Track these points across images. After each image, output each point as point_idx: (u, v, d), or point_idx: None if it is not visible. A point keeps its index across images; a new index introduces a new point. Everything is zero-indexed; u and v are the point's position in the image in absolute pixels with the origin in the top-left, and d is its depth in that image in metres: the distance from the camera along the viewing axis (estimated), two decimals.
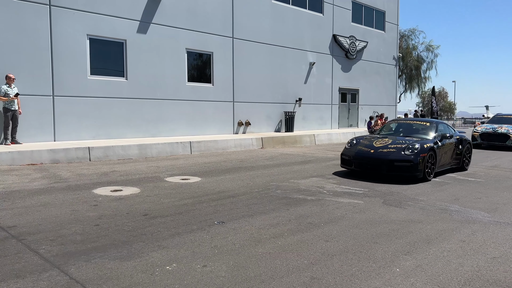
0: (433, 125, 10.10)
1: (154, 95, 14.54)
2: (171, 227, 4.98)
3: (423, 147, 8.56)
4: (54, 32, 12.09)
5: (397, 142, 8.98)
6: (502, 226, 5.38)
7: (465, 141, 10.55)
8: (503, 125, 17.23)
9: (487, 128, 17.34)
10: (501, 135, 16.61)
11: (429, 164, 8.71)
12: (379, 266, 3.89)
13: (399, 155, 8.43)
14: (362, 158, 8.77)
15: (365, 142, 9.31)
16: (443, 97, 74.28)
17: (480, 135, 17.20)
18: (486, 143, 17.00)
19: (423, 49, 42.91)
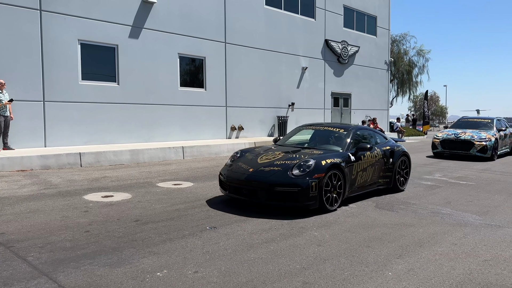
0: (347, 132, 7.38)
1: (146, 100, 14.48)
2: (163, 232, 4.94)
3: (319, 164, 5.96)
4: (45, 37, 12.02)
5: (289, 157, 6.44)
6: (493, 229, 5.40)
7: (398, 152, 7.91)
8: (468, 130, 14.63)
9: (448, 134, 14.65)
10: (464, 142, 14.01)
11: (332, 188, 6.13)
12: (371, 270, 3.88)
13: (282, 177, 5.86)
14: (237, 181, 6.16)
15: (248, 157, 6.78)
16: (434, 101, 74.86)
17: (440, 142, 14.59)
18: (447, 151, 14.48)
19: (414, 54, 43.28)
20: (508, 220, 5.92)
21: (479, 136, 13.86)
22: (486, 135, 13.87)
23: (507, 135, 15.54)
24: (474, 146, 13.73)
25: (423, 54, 43.04)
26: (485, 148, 13.58)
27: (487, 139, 13.71)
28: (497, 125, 15.07)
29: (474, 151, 13.74)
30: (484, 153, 13.62)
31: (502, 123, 15.89)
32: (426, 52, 43.18)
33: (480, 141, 13.70)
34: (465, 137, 14.04)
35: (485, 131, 14.27)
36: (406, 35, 43.03)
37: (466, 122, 16.06)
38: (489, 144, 13.62)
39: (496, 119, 15.64)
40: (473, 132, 14.33)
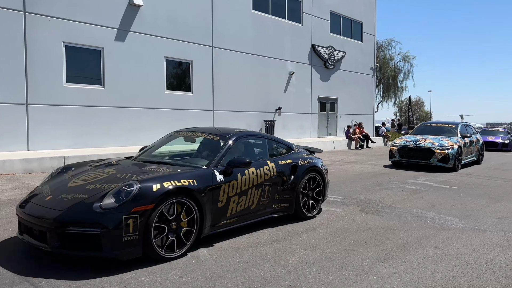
0: (222, 140, 5.30)
1: (132, 103, 14.38)
2: None
3: (147, 190, 3.95)
4: (28, 39, 11.86)
5: (116, 177, 4.39)
6: (475, 233, 5.49)
7: (303, 167, 5.87)
8: (429, 137, 13.02)
9: (407, 140, 12.94)
10: (424, 150, 12.35)
11: (173, 225, 4.15)
12: (356, 274, 3.90)
13: (81, 210, 3.85)
14: (26, 215, 4.06)
15: (64, 177, 4.77)
16: (419, 106, 75.89)
17: (398, 150, 12.89)
18: (405, 160, 12.76)
19: (399, 60, 43.84)
20: (490, 223, 6.02)
21: (441, 144, 12.23)
22: (449, 142, 12.29)
23: (473, 142, 13.91)
24: (434, 155, 12.07)
25: (408, 60, 43.64)
26: (446, 157, 11.96)
27: (449, 147, 12.10)
28: (461, 131, 13.53)
29: (435, 160, 12.08)
30: (446, 163, 11.99)
31: (469, 128, 14.54)
32: (411, 58, 43.80)
33: (441, 149, 12.07)
34: (425, 145, 12.36)
35: (448, 138, 12.71)
36: (391, 41, 43.58)
37: (429, 127, 14.25)
38: (451, 152, 12.00)
39: (461, 124, 14.18)
40: (434, 139, 12.70)
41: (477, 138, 14.58)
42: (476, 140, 14.26)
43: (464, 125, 14.44)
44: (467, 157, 13.49)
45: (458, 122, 14.29)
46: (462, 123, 14.58)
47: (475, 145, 14.14)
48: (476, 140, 14.34)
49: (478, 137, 14.71)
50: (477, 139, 14.48)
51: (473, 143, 13.85)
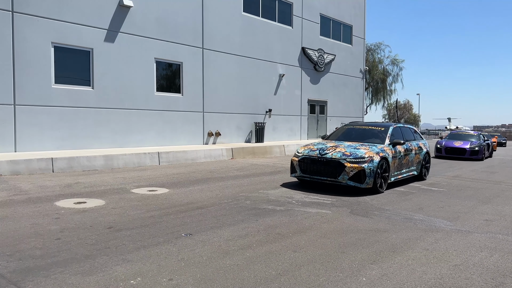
0: None
1: (122, 105, 14.27)
2: (137, 240, 4.85)
3: None
4: (16, 39, 11.71)
5: None
6: (463, 234, 5.56)
7: None
8: (343, 143, 9.37)
9: (312, 149, 9.13)
10: (331, 163, 8.55)
11: None
12: (345, 276, 3.92)
13: None
14: None
15: None
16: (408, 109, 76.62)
17: (299, 163, 9.09)
18: (308, 177, 8.95)
19: (388, 63, 44.29)
20: (477, 225, 6.10)
21: (355, 154, 8.48)
22: (367, 151, 8.59)
23: (411, 151, 10.30)
24: (344, 170, 8.32)
25: (397, 63, 44.12)
26: (361, 174, 8.28)
27: (367, 159, 8.37)
28: (392, 136, 9.79)
29: (345, 178, 8.34)
30: (361, 182, 8.30)
31: (407, 132, 10.88)
32: (400, 61, 44.29)
33: (354, 163, 8.33)
34: (333, 155, 8.54)
35: (369, 146, 9.05)
36: (380, 44, 44.04)
37: (354, 130, 10.55)
38: (368, 166, 8.29)
39: (394, 127, 10.33)
40: (349, 146, 8.99)
41: (419, 145, 10.92)
42: (416, 148, 10.63)
43: (400, 127, 10.65)
44: (401, 172, 9.90)
45: (390, 124, 10.48)
46: (396, 125, 10.71)
47: (416, 154, 10.56)
48: (417, 148, 10.68)
49: (421, 144, 11.07)
50: (419, 146, 10.86)
51: (410, 153, 10.23)
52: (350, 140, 9.86)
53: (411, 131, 11.21)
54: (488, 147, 19.46)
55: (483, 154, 18.12)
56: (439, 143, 19.06)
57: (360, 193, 8.51)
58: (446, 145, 18.64)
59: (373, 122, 11.23)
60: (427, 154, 11.28)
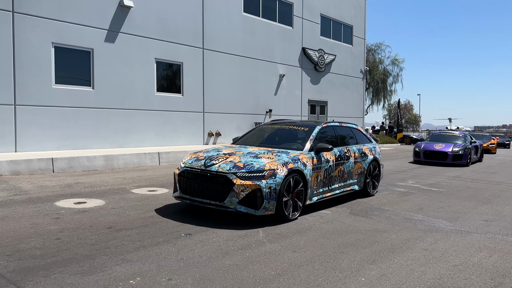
0: None
1: (122, 105, 14.28)
2: (136, 240, 4.86)
3: None
4: (17, 40, 11.72)
5: None
6: (463, 235, 5.56)
7: None
8: (241, 150, 6.76)
9: (199, 158, 6.40)
10: (215, 180, 5.87)
11: None
12: (345, 276, 3.92)
13: None
14: None
15: None
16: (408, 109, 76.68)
17: (179, 178, 6.34)
18: (189, 198, 6.16)
19: (389, 63, 44.27)
20: (477, 226, 6.10)
21: (250, 166, 5.89)
22: (269, 162, 5.99)
23: (348, 158, 7.65)
24: (233, 191, 5.69)
25: (398, 63, 44.10)
26: (255, 195, 5.66)
27: (266, 173, 5.79)
28: (316, 140, 7.09)
29: (234, 201, 5.68)
30: (255, 207, 5.68)
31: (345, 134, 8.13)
32: (400, 61, 44.26)
33: (247, 178, 5.73)
34: (220, 168, 5.90)
35: (277, 154, 6.36)
36: (381, 45, 44.04)
37: (267, 131, 7.96)
38: (267, 184, 5.70)
39: (322, 126, 7.53)
40: (249, 154, 6.35)
41: (363, 151, 8.21)
42: (357, 155, 7.95)
43: (333, 127, 7.87)
44: (332, 188, 7.16)
45: (318, 124, 7.57)
46: (328, 124, 7.85)
47: (357, 163, 7.91)
48: (358, 155, 8.01)
49: (366, 150, 8.35)
50: (362, 152, 8.17)
51: (347, 161, 7.54)
52: (262, 144, 7.21)
53: (352, 132, 8.41)
54: (476, 150, 16.86)
55: (468, 158, 15.45)
56: (418, 146, 16.42)
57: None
58: (425, 149, 15.90)
59: (300, 121, 8.30)
60: (374, 162, 8.55)
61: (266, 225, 5.72)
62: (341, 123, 8.29)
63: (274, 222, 5.87)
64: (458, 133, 17.78)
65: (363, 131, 8.91)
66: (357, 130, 8.68)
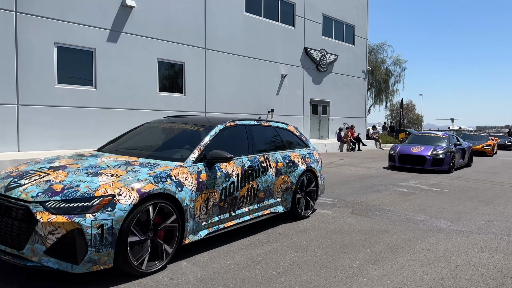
0: None
1: (124, 105, 14.32)
2: None
3: None
4: (20, 39, 11.76)
5: None
6: (464, 235, 5.55)
7: None
8: (87, 161, 4.37)
9: (7, 177, 3.99)
10: (3, 212, 3.55)
11: None
12: (346, 276, 3.93)
13: None
14: None
15: None
16: (410, 109, 76.53)
17: None
18: None
19: (391, 63, 44.17)
20: (478, 226, 6.09)
21: (73, 189, 3.58)
22: (105, 182, 3.69)
23: (265, 170, 5.47)
24: (36, 231, 3.34)
25: (400, 63, 43.99)
26: (74, 242, 3.35)
27: (96, 202, 3.49)
28: (208, 148, 4.76)
29: (39, 250, 3.34)
30: (73, 260, 3.36)
31: (264, 136, 5.96)
32: (402, 61, 44.14)
33: (63, 211, 3.41)
34: (24, 191, 3.59)
35: (130, 170, 4.01)
36: (383, 45, 43.92)
37: (150, 132, 5.80)
38: (95, 222, 3.41)
39: (225, 126, 5.28)
40: (87, 169, 4.04)
41: (291, 158, 6.07)
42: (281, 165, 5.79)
43: (247, 126, 5.68)
44: (235, 214, 4.98)
45: (214, 124, 5.19)
46: (238, 122, 5.58)
47: (280, 176, 5.73)
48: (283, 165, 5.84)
49: (296, 157, 6.20)
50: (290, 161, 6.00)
51: (263, 174, 5.41)
52: (131, 151, 5.01)
53: (278, 134, 6.21)
54: (463, 154, 14.66)
55: (450, 163, 13.08)
56: (393, 149, 14.01)
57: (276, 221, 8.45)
58: (400, 152, 13.53)
59: (200, 118, 5.93)
60: (309, 173, 6.36)
61: (268, 225, 5.73)
62: (261, 122, 6.03)
63: (276, 222, 5.87)
64: (442, 134, 15.54)
65: (296, 132, 6.71)
66: (286, 132, 6.44)
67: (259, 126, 5.91)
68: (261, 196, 5.39)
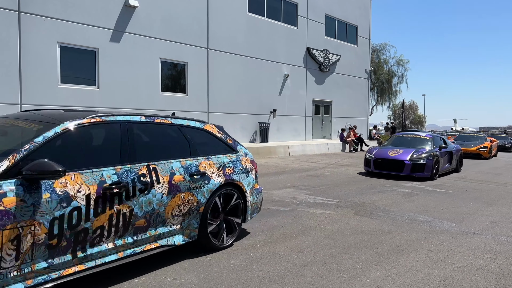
0: None
1: (126, 104, 14.33)
2: None
3: None
4: (23, 39, 11.80)
5: None
6: (468, 236, 5.53)
7: None
8: None
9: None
10: None
11: None
12: (349, 277, 3.92)
13: None
14: None
15: None
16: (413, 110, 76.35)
17: None
18: None
19: (394, 63, 44.07)
20: (482, 227, 6.07)
21: None
22: None
23: (147, 188, 3.85)
24: None
25: (403, 63, 43.89)
26: None
27: None
28: (30, 155, 3.15)
29: None
30: None
31: (148, 133, 4.29)
32: (405, 62, 44.03)
33: None
34: None
35: None
36: (386, 45, 43.81)
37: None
38: None
39: (55, 130, 3.40)
40: None
41: (197, 170, 4.41)
42: (178, 180, 4.19)
43: (121, 124, 3.99)
44: (92, 254, 3.42)
45: (57, 122, 3.50)
46: (97, 118, 3.81)
47: (178, 194, 4.16)
48: (182, 180, 4.23)
49: (206, 166, 4.54)
50: (194, 173, 4.36)
51: (145, 193, 3.84)
52: None
53: (184, 136, 4.59)
54: (450, 157, 12.92)
55: (433, 169, 11.28)
56: (369, 152, 12.27)
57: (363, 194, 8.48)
58: (377, 156, 11.81)
59: (42, 112, 4.04)
60: (230, 187, 4.79)
61: (270, 225, 5.72)
62: (154, 119, 4.37)
63: (278, 222, 5.87)
64: (425, 135, 13.36)
65: (218, 132, 5.06)
66: (198, 132, 4.77)
67: (147, 124, 4.26)
68: (140, 224, 3.80)
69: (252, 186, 5.17)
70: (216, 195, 4.57)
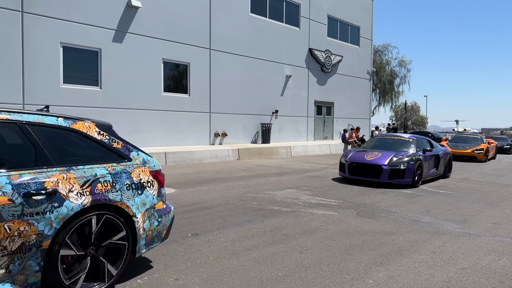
0: None
1: (129, 105, 14.35)
2: None
3: None
4: (26, 39, 11.82)
5: None
6: (471, 237, 5.51)
7: None
8: None
9: None
10: None
11: None
12: (352, 278, 3.91)
13: None
14: None
15: None
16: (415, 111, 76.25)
17: None
18: None
19: (396, 64, 44.06)
20: (485, 228, 6.05)
21: None
22: None
23: None
24: None
25: (405, 64, 43.88)
26: None
27: None
28: None
29: None
30: None
31: None
32: (407, 62, 44.03)
33: None
34: None
35: None
36: (388, 46, 43.82)
37: None
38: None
39: None
40: None
41: (40, 188, 3.00)
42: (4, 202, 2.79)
43: None
44: None
45: None
46: None
47: None
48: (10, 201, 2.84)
49: (65, 182, 3.15)
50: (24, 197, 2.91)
51: None
52: None
53: (33, 138, 3.19)
54: (436, 162, 11.66)
55: (414, 175, 10.03)
56: (345, 156, 11.02)
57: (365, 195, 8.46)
58: (351, 160, 10.47)
59: None
60: (104, 212, 3.40)
61: (273, 226, 5.72)
62: None
63: (281, 223, 5.86)
64: (408, 136, 11.92)
65: (97, 134, 4.01)
66: (60, 133, 3.47)
67: None
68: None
69: (150, 206, 3.84)
70: (76, 224, 3.18)
